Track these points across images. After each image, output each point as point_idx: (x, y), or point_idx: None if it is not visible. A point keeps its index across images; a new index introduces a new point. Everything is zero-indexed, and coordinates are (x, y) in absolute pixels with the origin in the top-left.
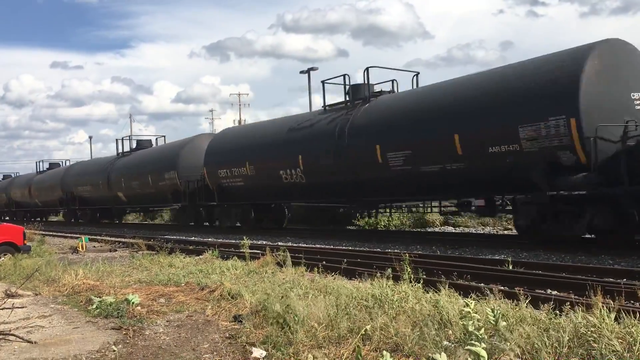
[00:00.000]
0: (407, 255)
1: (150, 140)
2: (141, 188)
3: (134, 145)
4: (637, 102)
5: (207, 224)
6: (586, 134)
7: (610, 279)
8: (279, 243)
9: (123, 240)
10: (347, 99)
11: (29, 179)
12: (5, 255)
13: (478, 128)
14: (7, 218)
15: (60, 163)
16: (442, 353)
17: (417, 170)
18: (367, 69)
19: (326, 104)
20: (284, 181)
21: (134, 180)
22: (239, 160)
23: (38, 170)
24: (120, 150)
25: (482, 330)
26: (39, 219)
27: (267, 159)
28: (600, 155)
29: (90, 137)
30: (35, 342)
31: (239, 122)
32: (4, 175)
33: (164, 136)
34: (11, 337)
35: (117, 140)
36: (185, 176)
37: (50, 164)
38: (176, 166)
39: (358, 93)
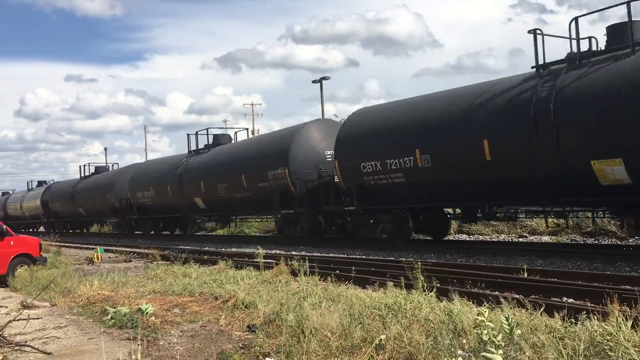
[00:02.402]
0: (420, 263)
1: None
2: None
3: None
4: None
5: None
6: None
7: (627, 287)
8: (293, 252)
9: (138, 250)
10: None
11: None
12: (21, 266)
13: None
14: (43, 229)
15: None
16: None
17: None
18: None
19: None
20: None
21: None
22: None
23: (82, 175)
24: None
25: (500, 337)
26: (82, 230)
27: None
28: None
29: (106, 149)
30: (50, 353)
31: (252, 132)
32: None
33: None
34: (27, 348)
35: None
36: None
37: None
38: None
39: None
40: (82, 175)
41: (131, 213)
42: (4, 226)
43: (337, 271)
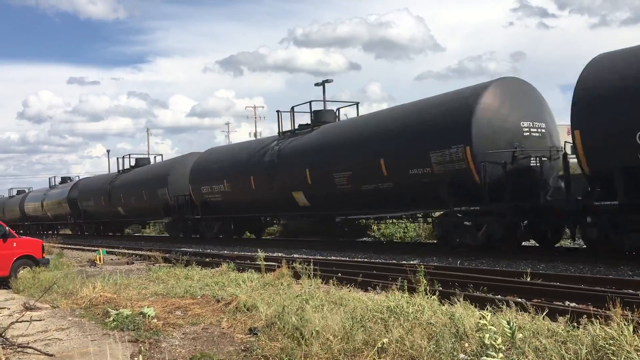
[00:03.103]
0: (422, 267)
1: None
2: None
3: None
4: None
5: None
6: None
7: (630, 291)
8: (295, 255)
9: (140, 252)
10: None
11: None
12: (24, 268)
13: None
14: (22, 231)
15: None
16: None
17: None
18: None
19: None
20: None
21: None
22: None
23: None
24: (121, 168)
25: (500, 340)
26: (50, 232)
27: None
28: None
29: (108, 151)
30: (53, 355)
31: (255, 134)
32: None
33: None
34: (29, 350)
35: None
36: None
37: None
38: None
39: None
40: (121, 168)
41: (192, 212)
42: (7, 228)
43: (339, 274)
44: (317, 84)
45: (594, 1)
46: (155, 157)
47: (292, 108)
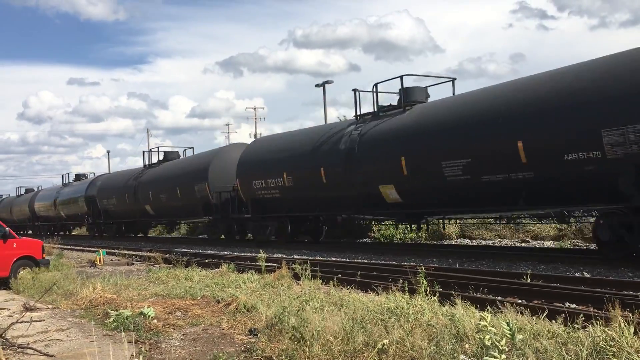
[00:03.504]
0: (422, 268)
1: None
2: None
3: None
4: None
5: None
6: None
7: (630, 292)
8: (295, 256)
9: (140, 253)
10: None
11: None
12: (24, 268)
13: None
14: (30, 232)
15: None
16: None
17: None
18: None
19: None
20: None
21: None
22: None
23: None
24: (147, 162)
25: (504, 341)
26: (62, 232)
27: None
28: None
29: (109, 152)
30: (53, 356)
31: (255, 135)
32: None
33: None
34: (29, 351)
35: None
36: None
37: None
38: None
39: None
40: (148, 163)
41: (238, 210)
42: (7, 228)
43: (339, 275)
44: (317, 85)
45: (593, 3)
46: (184, 150)
47: (376, 85)
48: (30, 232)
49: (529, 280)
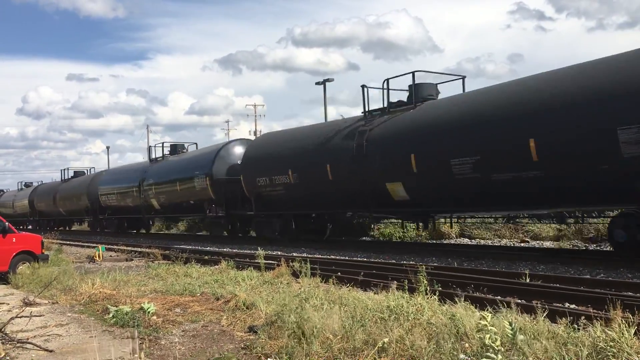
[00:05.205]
0: (422, 267)
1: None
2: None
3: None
4: None
5: None
6: None
7: (630, 293)
8: (294, 254)
9: (139, 249)
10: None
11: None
12: (23, 263)
13: None
14: (30, 227)
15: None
16: None
17: None
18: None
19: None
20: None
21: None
22: None
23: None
24: (154, 156)
25: (499, 342)
26: (62, 228)
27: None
28: None
29: (108, 148)
30: (52, 351)
31: (255, 133)
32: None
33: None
34: (29, 346)
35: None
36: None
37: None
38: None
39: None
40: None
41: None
42: (6, 223)
43: (339, 273)
44: (317, 83)
45: (591, 5)
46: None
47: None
48: (30, 227)
49: (528, 280)
